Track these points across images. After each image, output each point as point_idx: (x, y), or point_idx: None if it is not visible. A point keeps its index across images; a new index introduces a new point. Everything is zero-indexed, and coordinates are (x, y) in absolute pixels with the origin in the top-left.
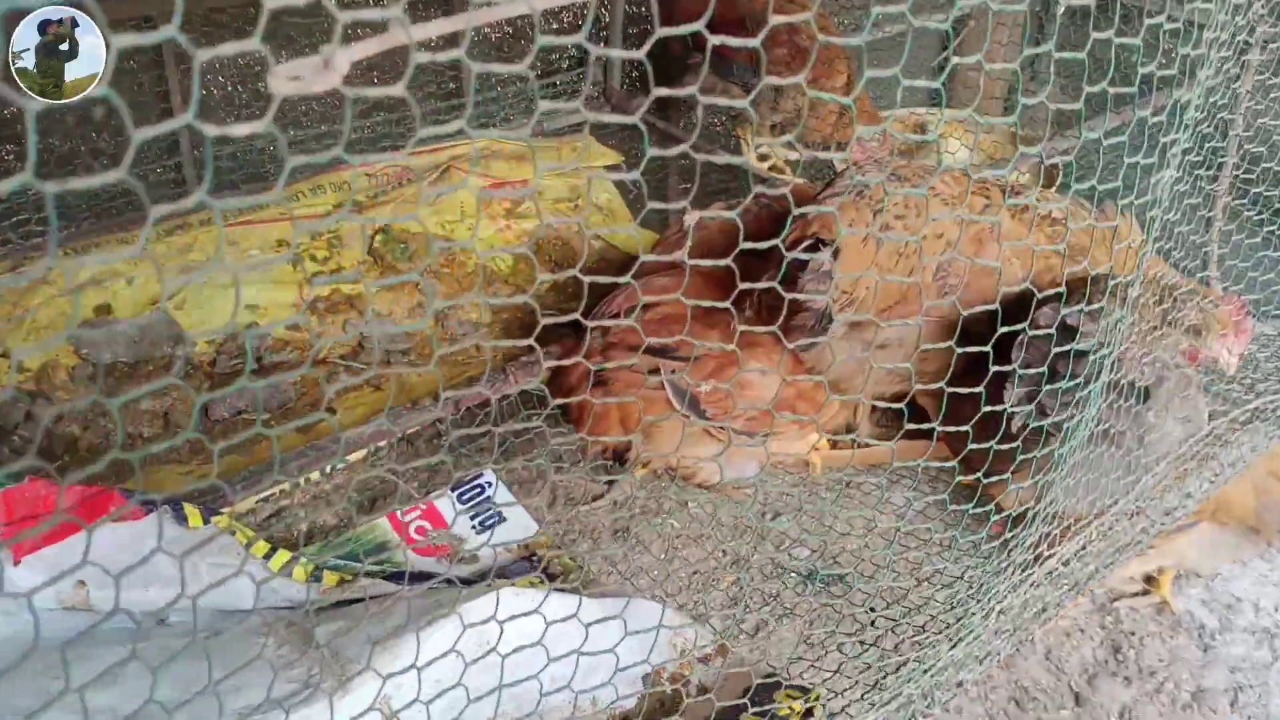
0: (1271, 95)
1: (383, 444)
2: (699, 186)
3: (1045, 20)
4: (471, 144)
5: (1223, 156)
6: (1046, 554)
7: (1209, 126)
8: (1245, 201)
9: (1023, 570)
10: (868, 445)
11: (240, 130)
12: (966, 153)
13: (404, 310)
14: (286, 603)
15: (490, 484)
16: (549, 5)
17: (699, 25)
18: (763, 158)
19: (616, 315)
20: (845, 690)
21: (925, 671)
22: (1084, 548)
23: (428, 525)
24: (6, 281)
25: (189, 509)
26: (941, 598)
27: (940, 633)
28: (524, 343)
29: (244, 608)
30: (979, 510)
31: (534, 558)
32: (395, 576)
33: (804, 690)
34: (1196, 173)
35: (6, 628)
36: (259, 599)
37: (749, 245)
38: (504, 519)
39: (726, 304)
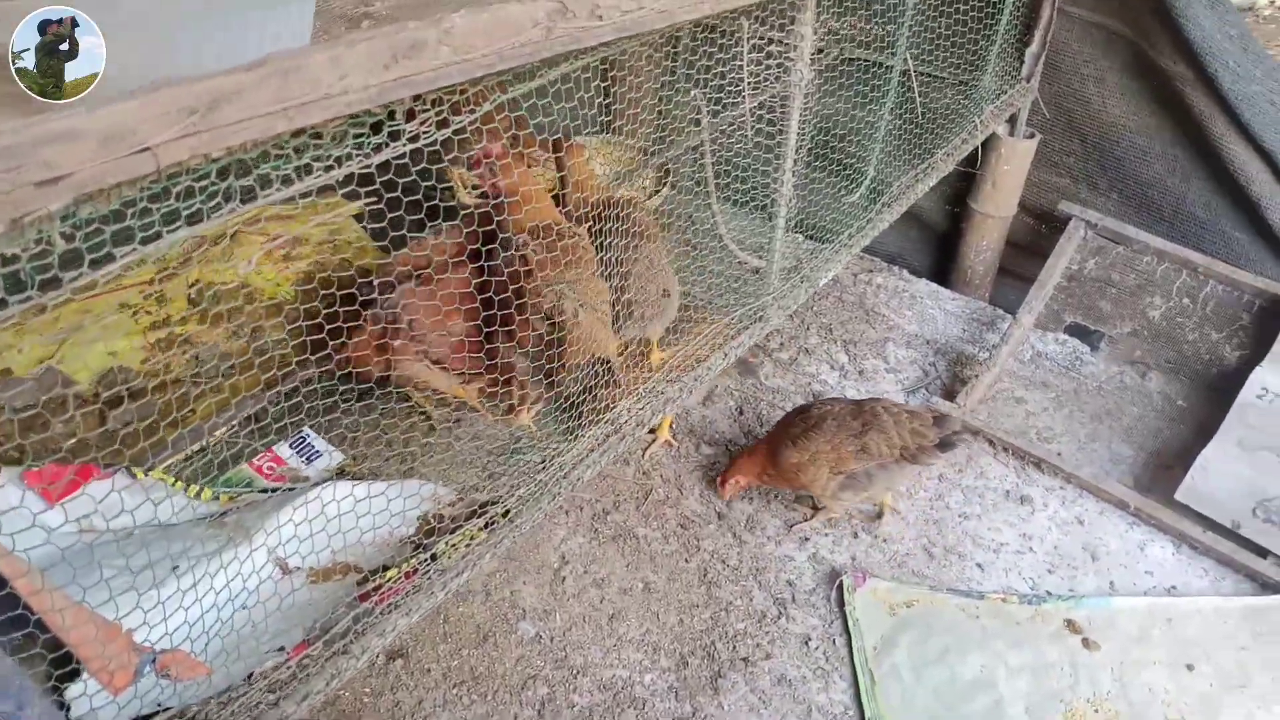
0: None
1: (234, 422)
2: (427, 215)
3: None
4: (251, 211)
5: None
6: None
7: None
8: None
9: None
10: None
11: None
12: (605, 169)
13: (224, 337)
14: (200, 515)
15: (309, 435)
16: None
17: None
18: (475, 187)
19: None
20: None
21: (552, 471)
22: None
23: (273, 465)
24: None
25: (135, 469)
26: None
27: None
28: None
29: (176, 523)
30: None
31: (344, 473)
32: (261, 492)
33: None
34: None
35: (48, 545)
36: (182, 516)
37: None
38: (320, 454)
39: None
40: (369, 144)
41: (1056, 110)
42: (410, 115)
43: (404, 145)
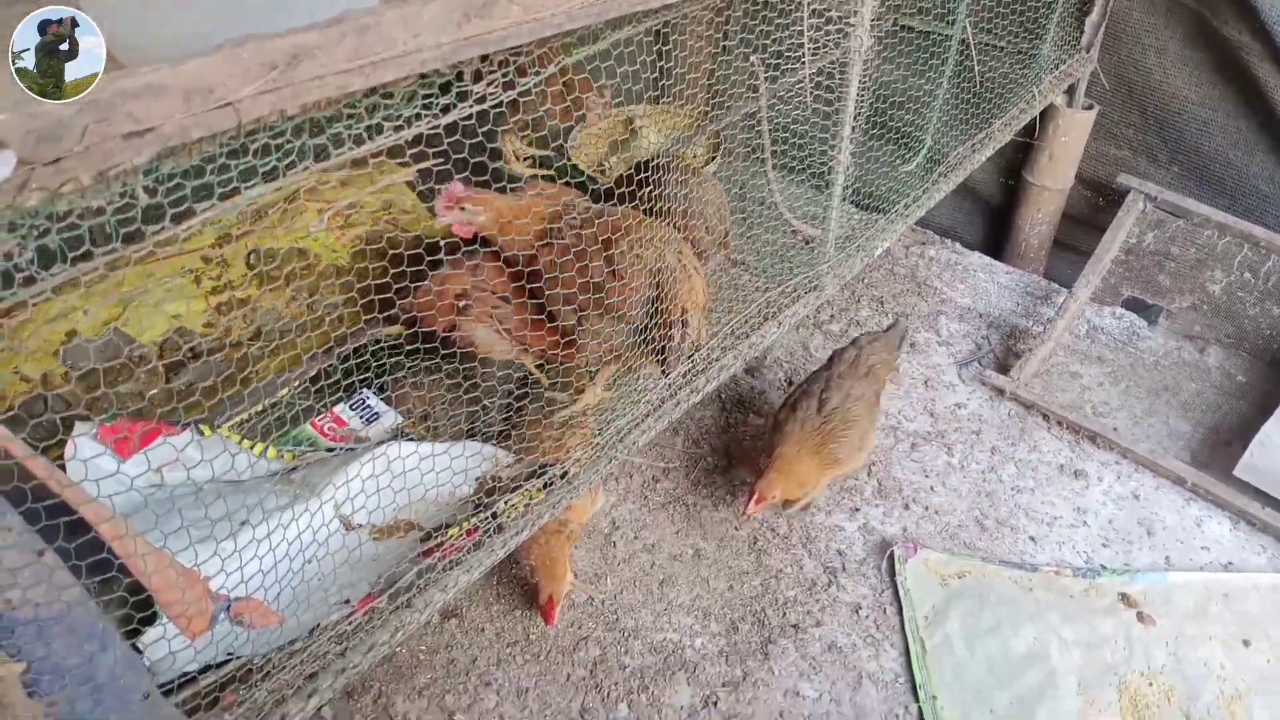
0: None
1: (295, 383)
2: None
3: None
4: (309, 178)
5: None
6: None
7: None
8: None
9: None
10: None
11: None
12: (659, 136)
13: (283, 302)
14: (268, 471)
15: (368, 395)
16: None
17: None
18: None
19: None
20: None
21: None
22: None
23: (334, 425)
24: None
25: (204, 427)
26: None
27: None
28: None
29: (244, 479)
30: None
31: (402, 433)
32: (325, 450)
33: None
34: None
35: (129, 493)
36: (250, 472)
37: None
38: (379, 415)
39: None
40: (437, 105)
41: (1116, 81)
42: (477, 76)
43: (471, 106)
